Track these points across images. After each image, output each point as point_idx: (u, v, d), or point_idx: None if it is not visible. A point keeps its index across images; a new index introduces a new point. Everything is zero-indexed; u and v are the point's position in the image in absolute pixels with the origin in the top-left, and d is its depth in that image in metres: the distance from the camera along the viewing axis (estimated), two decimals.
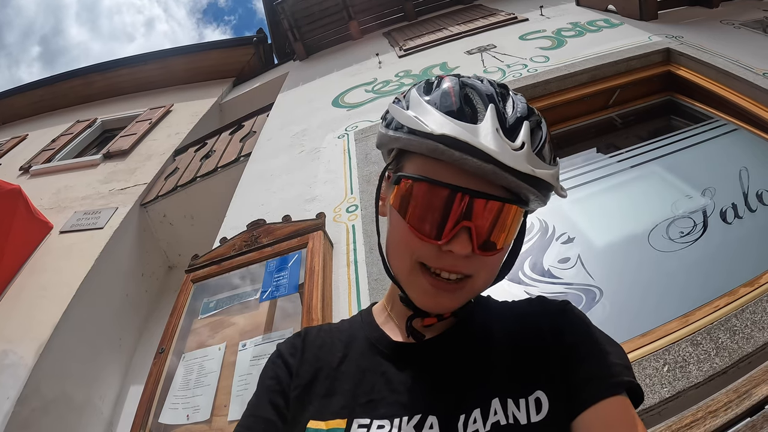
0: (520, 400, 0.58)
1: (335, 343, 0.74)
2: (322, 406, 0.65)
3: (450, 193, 0.56)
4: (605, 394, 0.56)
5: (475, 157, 0.53)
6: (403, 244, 0.62)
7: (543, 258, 2.05)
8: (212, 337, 1.89)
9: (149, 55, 7.29)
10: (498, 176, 0.54)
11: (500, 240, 0.59)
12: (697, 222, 2.02)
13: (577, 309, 0.70)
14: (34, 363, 2.66)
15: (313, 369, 0.70)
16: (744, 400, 1.18)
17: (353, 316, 0.82)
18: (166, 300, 3.95)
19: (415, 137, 0.57)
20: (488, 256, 0.60)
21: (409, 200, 0.59)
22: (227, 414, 1.57)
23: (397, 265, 0.66)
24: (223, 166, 4.06)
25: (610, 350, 0.62)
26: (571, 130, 2.97)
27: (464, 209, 0.56)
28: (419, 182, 0.58)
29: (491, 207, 0.57)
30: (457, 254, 0.57)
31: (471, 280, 0.61)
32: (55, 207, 4.31)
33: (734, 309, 1.48)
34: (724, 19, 3.37)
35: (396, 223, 0.63)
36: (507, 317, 0.71)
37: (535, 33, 4.04)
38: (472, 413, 0.58)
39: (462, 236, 0.57)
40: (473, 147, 0.53)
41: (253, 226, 2.35)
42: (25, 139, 6.68)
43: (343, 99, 4.05)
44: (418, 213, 0.59)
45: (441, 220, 0.57)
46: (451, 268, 0.59)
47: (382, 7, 6.37)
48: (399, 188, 0.61)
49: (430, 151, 0.56)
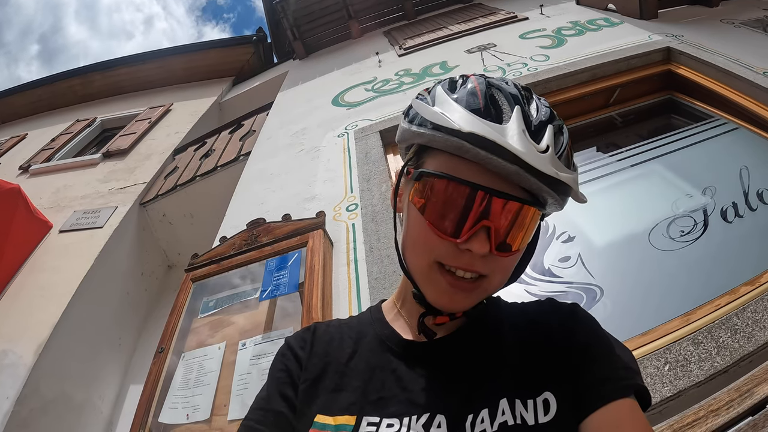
0: (528, 401, 0.58)
1: (344, 338, 0.74)
2: (330, 400, 0.65)
3: (471, 191, 0.56)
4: (614, 396, 0.56)
5: (501, 157, 0.53)
6: (421, 241, 0.62)
7: (543, 257, 2.05)
8: (212, 337, 1.89)
9: (148, 54, 7.29)
10: (521, 177, 0.54)
11: (517, 241, 0.60)
12: (698, 221, 2.02)
13: (586, 312, 0.70)
14: (33, 362, 2.66)
15: (322, 363, 0.70)
16: (746, 398, 1.17)
17: (362, 313, 0.82)
18: (165, 299, 3.95)
19: (440, 134, 0.56)
20: (504, 257, 0.60)
21: (430, 197, 0.59)
22: (227, 413, 1.57)
23: (414, 262, 0.65)
24: (223, 165, 4.06)
25: (620, 353, 0.62)
26: (572, 129, 2.92)
27: (484, 208, 0.56)
28: (441, 179, 0.58)
29: (510, 207, 0.57)
30: (474, 253, 0.57)
31: (486, 281, 0.61)
32: (55, 206, 4.30)
33: (735, 308, 1.48)
34: (725, 18, 3.37)
35: (414, 220, 0.63)
36: (517, 318, 0.71)
37: (535, 32, 4.04)
38: (480, 413, 0.58)
39: (481, 235, 0.57)
40: (500, 147, 0.53)
41: (253, 225, 2.34)
42: (25, 138, 6.67)
43: (342, 98, 4.04)
44: (438, 210, 0.59)
45: (461, 219, 0.57)
46: (467, 266, 0.59)
47: (382, 6, 6.37)
48: (420, 184, 0.61)
49: (456, 149, 0.56)
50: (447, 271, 0.61)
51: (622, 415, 0.55)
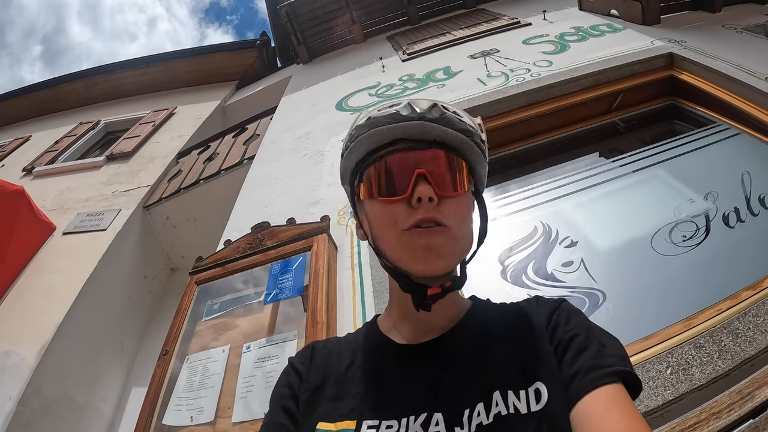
0: (520, 391, 0.60)
1: (343, 351, 0.77)
2: (331, 408, 0.67)
3: (398, 154, 0.68)
4: (600, 383, 0.57)
5: (406, 120, 0.67)
6: (383, 220, 0.68)
7: (546, 262, 2.06)
8: (216, 339, 1.90)
9: (152, 58, 7.31)
10: (426, 127, 0.67)
11: (455, 185, 0.68)
12: (700, 226, 2.02)
13: (573, 306, 0.72)
14: (36, 364, 2.67)
15: (322, 375, 0.73)
16: (747, 402, 1.18)
17: (358, 329, 0.86)
18: (168, 302, 3.96)
19: (356, 139, 0.71)
20: (451, 199, 0.67)
21: (373, 182, 0.69)
22: (231, 416, 1.58)
23: (386, 244, 0.69)
24: (227, 168, 4.07)
25: (606, 342, 0.63)
26: (574, 134, 2.98)
27: (413, 161, 0.67)
28: (374, 163, 0.70)
29: (434, 154, 0.68)
30: (424, 201, 0.64)
31: (451, 230, 0.66)
32: (58, 208, 4.32)
33: (737, 312, 1.49)
34: (727, 24, 3.38)
35: (372, 211, 0.70)
36: (506, 316, 0.74)
37: (538, 37, 4.05)
38: (475, 407, 0.61)
39: (421, 182, 0.65)
40: (398, 114, 0.68)
41: (258, 229, 2.35)
42: (28, 140, 6.69)
43: (346, 102, 4.06)
44: (383, 185, 0.68)
45: (399, 178, 0.67)
46: (425, 216, 0.64)
47: (386, 11, 6.38)
48: (363, 183, 0.71)
49: (375, 136, 0.69)
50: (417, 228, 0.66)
51: (609, 400, 0.56)
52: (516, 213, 2.38)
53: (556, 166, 2.73)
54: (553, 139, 2.99)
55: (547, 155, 2.90)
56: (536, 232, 2.21)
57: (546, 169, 2.73)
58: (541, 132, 3.01)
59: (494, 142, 2.94)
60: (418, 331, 0.73)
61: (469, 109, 2.91)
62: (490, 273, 2.07)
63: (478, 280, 2.03)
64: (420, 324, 0.73)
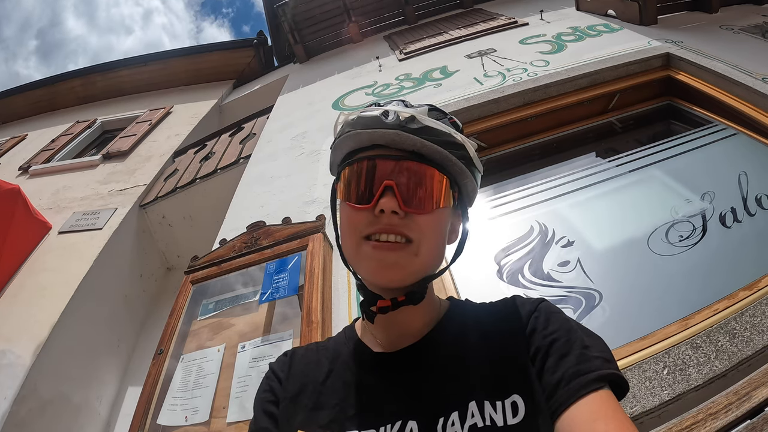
0: (496, 402, 0.59)
1: (321, 360, 0.77)
2: (310, 418, 0.68)
3: (368, 162, 0.66)
4: (585, 391, 0.56)
5: (384, 127, 0.65)
6: (347, 224, 0.68)
7: (543, 262, 2.06)
8: (211, 339, 1.89)
9: (149, 56, 7.30)
10: (403, 137, 0.64)
11: (426, 200, 0.65)
12: (697, 226, 2.02)
13: (552, 305, 0.71)
14: (31, 363, 2.66)
15: (300, 383, 0.74)
16: (744, 402, 1.18)
17: (338, 333, 0.85)
18: (164, 301, 3.94)
19: (341, 136, 0.70)
20: (419, 216, 0.65)
21: (345, 184, 0.68)
22: (226, 416, 1.57)
23: (346, 246, 0.70)
24: (223, 167, 4.06)
25: (589, 344, 0.62)
26: (571, 134, 2.98)
27: (382, 171, 0.65)
28: (349, 165, 0.68)
29: (406, 166, 0.65)
30: (390, 215, 0.63)
31: (413, 246, 0.64)
32: (54, 207, 4.30)
33: (733, 312, 1.49)
34: (724, 24, 3.39)
35: (342, 210, 0.70)
36: (483, 320, 0.73)
37: (535, 37, 4.05)
38: (450, 416, 0.60)
39: (387, 194, 0.63)
40: (379, 119, 0.65)
41: (253, 228, 2.35)
42: (25, 139, 6.67)
43: (343, 102, 4.06)
44: (352, 190, 0.67)
45: (366, 187, 0.65)
46: (387, 228, 0.63)
47: (383, 11, 6.38)
48: (341, 180, 0.70)
49: (354, 138, 0.68)
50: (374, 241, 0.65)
51: (595, 409, 0.54)
52: (512, 213, 2.38)
53: (552, 165, 2.73)
54: (549, 138, 2.99)
55: (543, 155, 2.90)
56: (533, 232, 2.21)
57: (542, 168, 2.73)
58: (538, 132, 3.01)
59: (491, 142, 2.94)
60: (392, 336, 0.72)
61: (466, 109, 2.91)
62: (486, 273, 2.07)
63: (474, 280, 2.03)
64: (394, 328, 0.72)
